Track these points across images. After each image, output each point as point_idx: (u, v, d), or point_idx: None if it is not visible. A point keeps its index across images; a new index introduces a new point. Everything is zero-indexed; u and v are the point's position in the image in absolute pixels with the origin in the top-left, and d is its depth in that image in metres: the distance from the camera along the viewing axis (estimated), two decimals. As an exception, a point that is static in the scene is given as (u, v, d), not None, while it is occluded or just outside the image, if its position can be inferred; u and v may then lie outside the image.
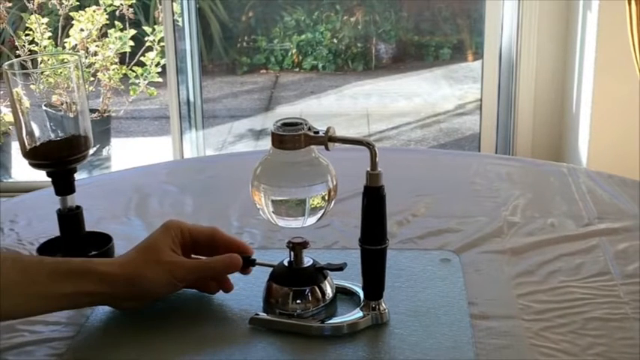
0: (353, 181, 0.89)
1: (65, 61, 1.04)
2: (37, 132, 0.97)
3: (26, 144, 0.97)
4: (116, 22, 3.40)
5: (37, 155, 0.97)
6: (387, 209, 0.85)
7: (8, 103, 0.96)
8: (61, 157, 0.97)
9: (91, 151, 0.99)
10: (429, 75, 4.57)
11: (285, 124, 0.85)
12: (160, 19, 3.09)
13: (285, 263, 0.90)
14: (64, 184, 0.99)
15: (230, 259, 0.91)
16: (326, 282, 0.90)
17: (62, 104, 0.97)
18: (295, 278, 0.89)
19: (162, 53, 3.31)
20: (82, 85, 0.98)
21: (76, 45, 3.30)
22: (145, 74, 3.47)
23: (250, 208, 0.93)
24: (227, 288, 0.93)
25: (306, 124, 0.85)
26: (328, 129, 0.84)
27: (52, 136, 0.97)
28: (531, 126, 2.87)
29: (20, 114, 0.95)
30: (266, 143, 2.47)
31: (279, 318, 0.88)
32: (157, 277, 0.87)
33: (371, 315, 0.88)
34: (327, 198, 0.87)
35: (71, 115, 0.97)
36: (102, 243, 1.04)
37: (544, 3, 2.75)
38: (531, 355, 0.82)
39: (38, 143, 0.97)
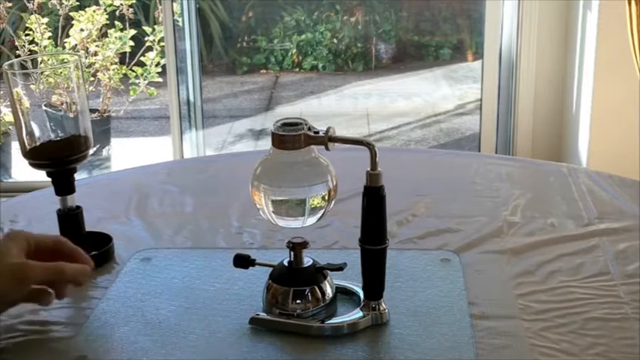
0: (353, 181, 0.89)
1: (65, 61, 1.04)
2: (37, 132, 0.97)
3: (26, 144, 0.97)
4: (116, 22, 3.40)
5: (37, 155, 0.97)
6: (387, 209, 0.85)
7: (8, 103, 0.96)
8: (61, 157, 0.97)
9: (91, 151, 0.99)
10: (429, 75, 4.56)
11: (285, 124, 0.85)
12: (160, 19, 3.09)
13: (285, 263, 0.90)
14: (64, 184, 0.99)
15: (82, 268, 0.89)
16: (326, 282, 0.90)
17: (62, 104, 0.97)
18: (295, 278, 0.89)
19: (162, 53, 3.32)
20: (82, 85, 0.98)
21: (76, 45, 3.30)
22: (145, 74, 3.47)
23: (250, 208, 0.93)
24: (60, 296, 0.90)
25: (306, 124, 0.85)
26: (328, 129, 0.84)
27: (52, 136, 0.97)
28: (531, 126, 2.87)
29: (20, 114, 0.96)
30: (266, 143, 2.47)
31: (279, 318, 0.88)
32: (3, 279, 0.85)
33: (371, 315, 0.88)
34: (327, 198, 0.87)
35: (71, 115, 0.98)
36: (102, 243, 1.04)
37: (544, 3, 2.75)
38: (531, 355, 0.82)
39: (38, 143, 0.97)
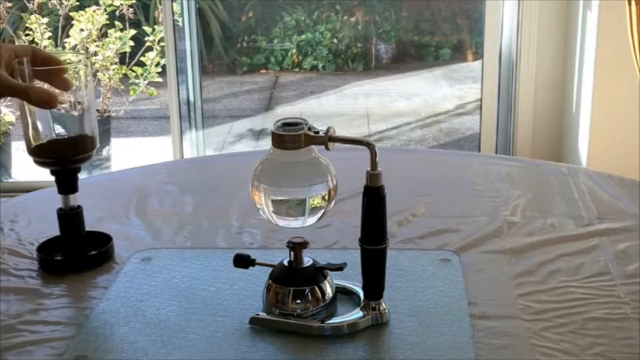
0: (353, 181, 0.89)
1: (68, 61, 1.03)
2: (43, 130, 0.96)
3: (32, 141, 0.96)
4: (116, 22, 3.40)
5: (42, 153, 0.97)
6: (387, 209, 0.85)
7: (8, 102, 0.96)
8: (66, 156, 0.97)
9: (95, 152, 0.99)
10: (429, 75, 4.57)
11: (285, 124, 0.85)
12: (160, 19, 3.10)
13: (285, 263, 0.90)
14: (67, 183, 0.99)
15: (48, 95, 0.91)
16: (326, 282, 0.90)
17: (68, 103, 0.97)
18: (295, 278, 0.89)
19: (162, 53, 3.32)
20: (90, 84, 0.97)
21: (76, 45, 3.30)
22: (145, 74, 3.47)
23: (250, 208, 0.93)
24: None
25: (306, 124, 0.85)
26: (328, 129, 0.84)
27: (58, 134, 0.97)
28: (531, 126, 2.87)
29: (27, 111, 0.95)
30: (266, 143, 2.47)
31: (279, 318, 0.88)
32: None
33: (371, 315, 0.88)
34: (327, 198, 0.87)
35: (77, 114, 0.97)
36: (102, 243, 1.04)
37: (544, 3, 2.75)
38: (531, 355, 0.82)
39: (45, 141, 0.97)
